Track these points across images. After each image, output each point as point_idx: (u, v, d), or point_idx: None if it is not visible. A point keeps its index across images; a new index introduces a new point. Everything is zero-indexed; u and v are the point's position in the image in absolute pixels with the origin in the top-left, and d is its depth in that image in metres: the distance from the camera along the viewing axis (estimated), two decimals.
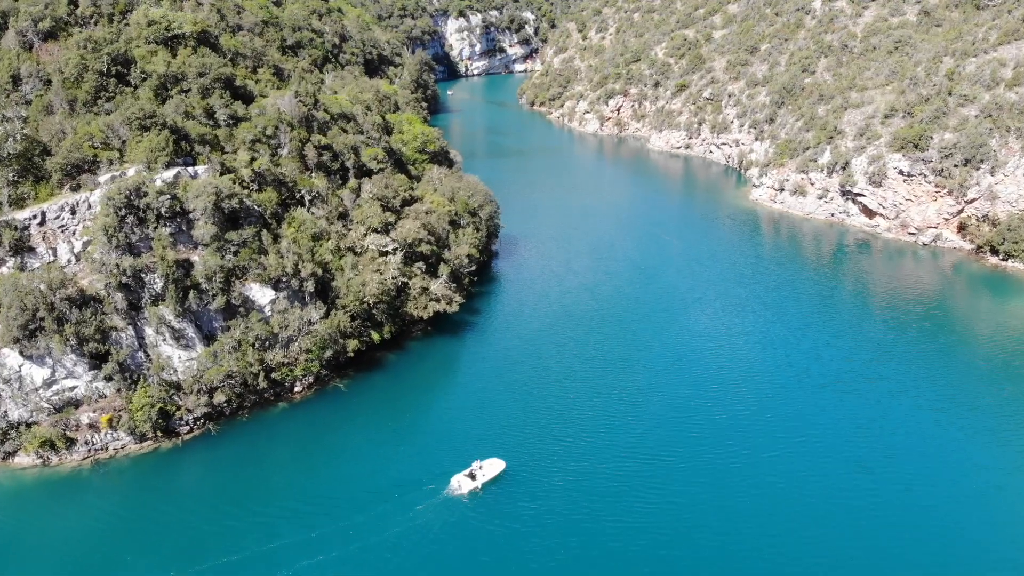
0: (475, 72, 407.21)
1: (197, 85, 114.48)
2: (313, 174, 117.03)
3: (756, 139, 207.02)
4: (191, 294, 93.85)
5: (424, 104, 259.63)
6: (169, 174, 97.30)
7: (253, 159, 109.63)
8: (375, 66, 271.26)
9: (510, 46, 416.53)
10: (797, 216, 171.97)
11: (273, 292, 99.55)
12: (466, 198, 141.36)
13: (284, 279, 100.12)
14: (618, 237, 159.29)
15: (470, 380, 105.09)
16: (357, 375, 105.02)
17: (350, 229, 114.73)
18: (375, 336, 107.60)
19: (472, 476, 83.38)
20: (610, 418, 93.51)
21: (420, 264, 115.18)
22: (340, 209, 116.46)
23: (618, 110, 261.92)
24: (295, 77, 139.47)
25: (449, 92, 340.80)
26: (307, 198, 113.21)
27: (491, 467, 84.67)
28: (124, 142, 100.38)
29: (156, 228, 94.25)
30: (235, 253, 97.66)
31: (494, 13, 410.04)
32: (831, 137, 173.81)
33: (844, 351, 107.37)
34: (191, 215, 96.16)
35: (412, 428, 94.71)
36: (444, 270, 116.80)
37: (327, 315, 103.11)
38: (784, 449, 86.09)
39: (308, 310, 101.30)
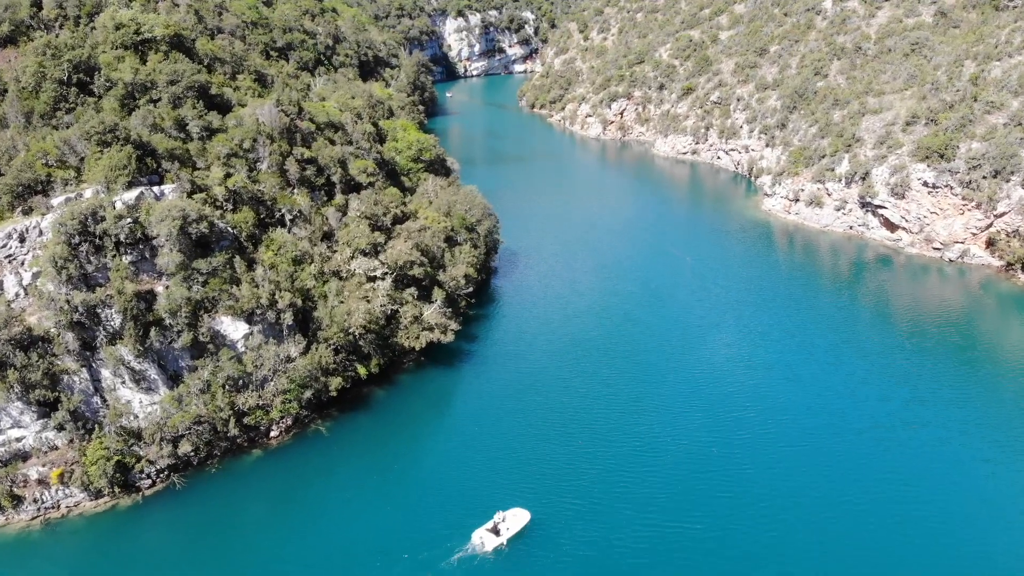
0: (474, 73, 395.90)
1: (168, 94, 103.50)
2: (295, 190, 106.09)
3: (767, 145, 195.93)
4: (153, 331, 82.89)
5: (421, 107, 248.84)
6: (130, 195, 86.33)
7: (228, 175, 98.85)
8: (371, 68, 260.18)
9: (510, 46, 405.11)
10: (813, 228, 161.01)
11: (247, 326, 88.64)
12: (463, 213, 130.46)
13: (259, 311, 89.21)
14: (625, 252, 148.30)
15: (467, 420, 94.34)
16: (341, 415, 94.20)
17: (335, 251, 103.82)
18: (361, 371, 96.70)
19: (496, 531, 73.14)
20: (626, 467, 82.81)
21: (412, 290, 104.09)
22: (324, 229, 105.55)
23: (621, 114, 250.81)
24: (278, 83, 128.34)
25: (448, 94, 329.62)
26: (288, 217, 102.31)
27: (515, 519, 74.46)
28: (82, 159, 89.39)
29: (115, 257, 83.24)
30: (204, 283, 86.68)
31: (493, 13, 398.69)
32: (849, 145, 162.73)
33: (879, 389, 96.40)
34: (154, 241, 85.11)
35: (406, 476, 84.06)
36: (438, 295, 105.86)
37: (307, 349, 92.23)
38: (819, 509, 75.30)
39: (286, 345, 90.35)
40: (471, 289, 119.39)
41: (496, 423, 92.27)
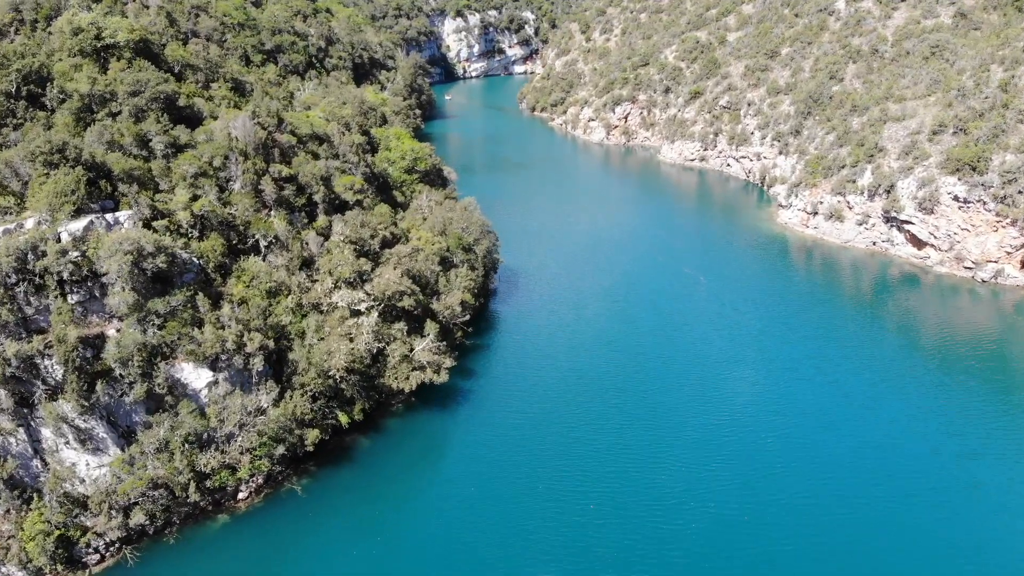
0: (473, 74, 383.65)
1: (129, 106, 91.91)
2: (272, 212, 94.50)
3: (780, 153, 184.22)
4: (100, 383, 71.28)
5: (418, 111, 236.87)
6: (78, 225, 74.80)
7: (194, 198, 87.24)
8: (365, 70, 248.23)
9: (509, 47, 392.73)
10: (833, 244, 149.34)
11: (210, 373, 77.09)
12: (459, 232, 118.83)
13: (224, 356, 77.55)
14: (634, 271, 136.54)
15: (462, 474, 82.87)
16: (320, 470, 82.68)
17: (316, 280, 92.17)
18: (343, 419, 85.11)
19: None
20: (643, 537, 71.49)
21: (401, 325, 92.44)
22: (304, 255, 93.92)
23: (625, 118, 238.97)
24: (257, 92, 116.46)
25: (447, 96, 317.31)
26: (263, 244, 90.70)
27: None
28: (26, 183, 77.76)
29: (58, 297, 71.67)
30: (160, 326, 75.04)
31: (493, 13, 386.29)
32: (871, 155, 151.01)
33: (926, 439, 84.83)
34: (104, 279, 73.50)
35: (393, 540, 73.10)
36: (431, 328, 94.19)
37: (281, 397, 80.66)
38: None
39: (255, 396, 78.75)
40: (468, 317, 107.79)
41: (495, 479, 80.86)
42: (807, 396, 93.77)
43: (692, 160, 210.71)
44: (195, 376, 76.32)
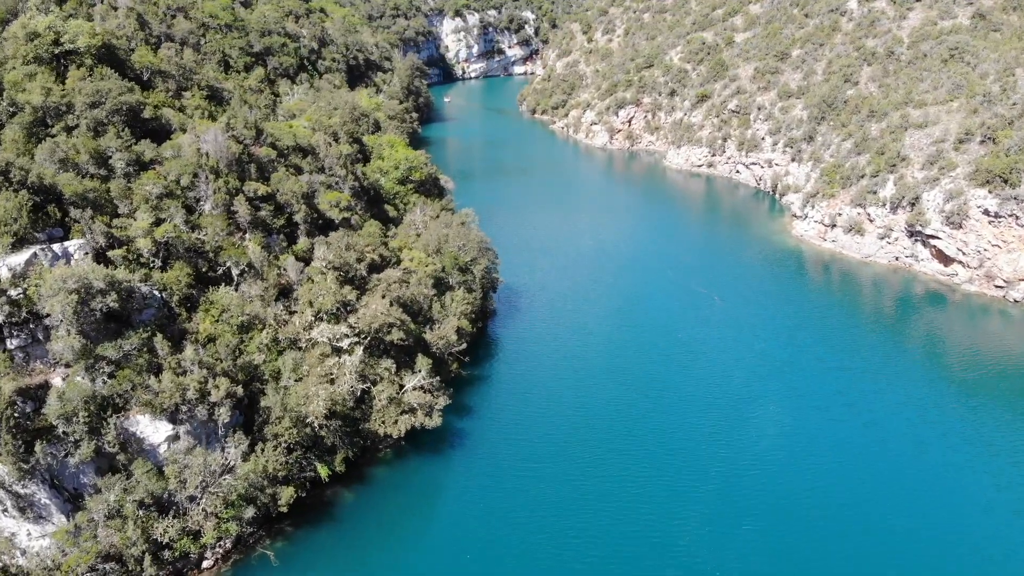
0: (472, 75, 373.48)
1: (88, 119, 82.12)
2: (247, 236, 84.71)
3: (793, 160, 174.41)
4: (40, 443, 61.56)
5: (415, 115, 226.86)
6: (19, 258, 65.17)
7: (158, 222, 77.49)
8: (360, 72, 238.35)
9: (509, 47, 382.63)
10: (853, 259, 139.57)
11: (170, 426, 67.39)
12: (456, 251, 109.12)
13: (186, 407, 67.78)
14: (644, 289, 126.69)
15: (457, 530, 73.15)
16: (296, 530, 72.82)
17: (295, 312, 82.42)
18: (323, 471, 75.38)
19: None
20: None
21: (389, 363, 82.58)
22: (282, 282, 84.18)
23: (629, 121, 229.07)
24: (235, 100, 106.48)
25: (446, 99, 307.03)
26: (235, 272, 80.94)
27: None
28: None
29: None
30: (112, 374, 65.36)
31: (492, 13, 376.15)
32: (893, 165, 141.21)
33: (979, 494, 74.90)
34: (47, 321, 63.79)
35: None
36: (423, 364, 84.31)
37: (252, 449, 70.93)
38: None
39: (218, 455, 69.02)
40: (464, 345, 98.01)
41: (491, 539, 71.10)
42: (841, 440, 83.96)
43: (699, 166, 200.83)
44: (152, 430, 66.63)
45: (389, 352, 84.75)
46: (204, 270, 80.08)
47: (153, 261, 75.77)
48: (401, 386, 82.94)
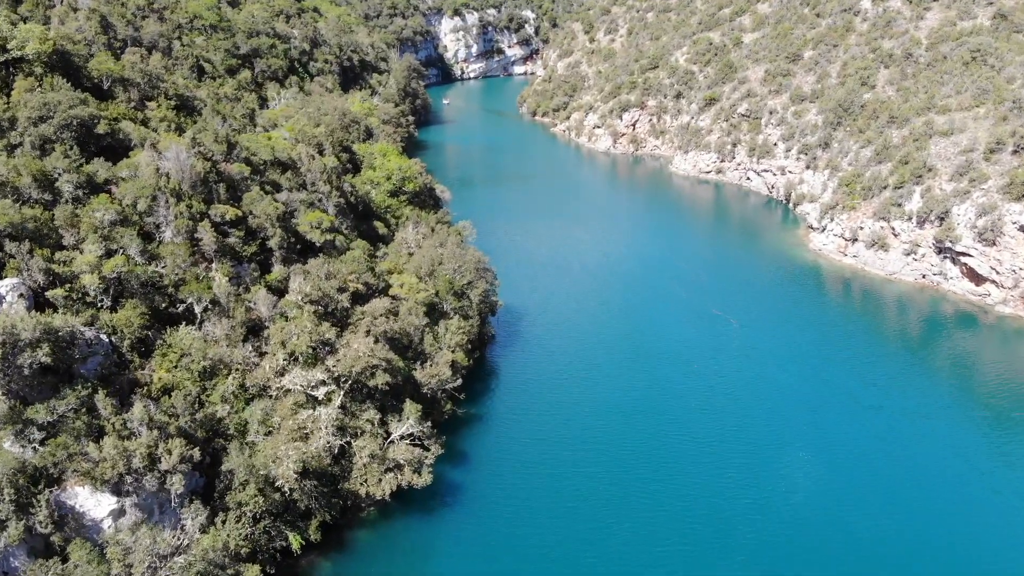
0: (471, 75, 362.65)
1: (32, 137, 71.87)
2: (214, 266, 74.52)
3: (808, 167, 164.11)
4: None
5: (411, 118, 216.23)
6: None
7: (109, 254, 67.29)
8: (355, 74, 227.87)
9: (509, 47, 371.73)
10: (876, 276, 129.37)
11: (113, 499, 57.18)
12: (451, 275, 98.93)
13: (133, 476, 57.61)
14: (654, 311, 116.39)
15: None
16: None
17: (265, 352, 72.26)
18: (295, 541, 65.20)
19: None
20: None
21: (372, 414, 72.33)
22: (253, 318, 74.03)
23: (634, 125, 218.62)
24: (207, 111, 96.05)
25: (445, 101, 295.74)
26: (197, 308, 70.75)
27: None
28: None
29: None
30: (44, 441, 55.19)
31: (492, 12, 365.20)
32: (919, 175, 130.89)
33: None
34: None
35: None
36: (412, 410, 74.10)
37: (212, 521, 60.74)
38: None
39: (176, 526, 58.82)
40: (459, 380, 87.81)
41: None
42: (884, 496, 73.75)
43: (708, 172, 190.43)
44: (93, 504, 56.46)
45: (374, 396, 74.53)
46: (164, 307, 69.93)
47: (101, 300, 65.61)
48: (386, 437, 72.76)
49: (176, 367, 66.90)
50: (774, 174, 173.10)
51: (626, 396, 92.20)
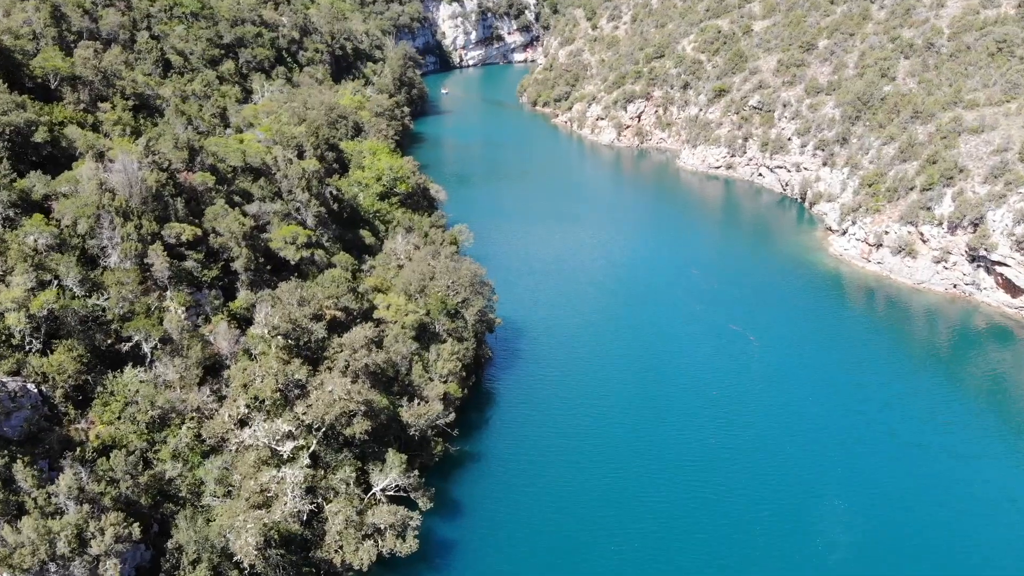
0: (470, 62, 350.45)
1: None
2: (168, 294, 64.19)
3: (825, 164, 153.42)
4: None
5: (406, 109, 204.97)
6: None
7: (42, 285, 56.95)
8: (348, 63, 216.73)
9: (508, 34, 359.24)
10: (903, 284, 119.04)
11: None
12: (444, 292, 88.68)
13: (58, 563, 47.51)
14: (668, 329, 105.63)
15: None
16: None
17: (225, 396, 62.10)
18: None
19: None
20: None
21: (348, 472, 62.15)
22: (211, 356, 63.80)
23: (639, 117, 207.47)
24: (170, 111, 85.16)
25: (444, 90, 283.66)
26: (146, 347, 60.50)
27: None
28: None
29: None
30: None
31: None
32: (950, 176, 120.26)
33: None
34: None
35: None
36: (395, 461, 64.01)
37: None
38: None
39: None
40: (452, 415, 77.65)
41: None
42: (933, 554, 63.80)
43: (717, 168, 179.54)
44: None
45: (352, 444, 64.42)
46: (108, 345, 59.74)
47: (30, 342, 55.36)
48: (365, 492, 62.67)
49: (119, 418, 56.83)
50: (788, 171, 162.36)
51: (638, 431, 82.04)
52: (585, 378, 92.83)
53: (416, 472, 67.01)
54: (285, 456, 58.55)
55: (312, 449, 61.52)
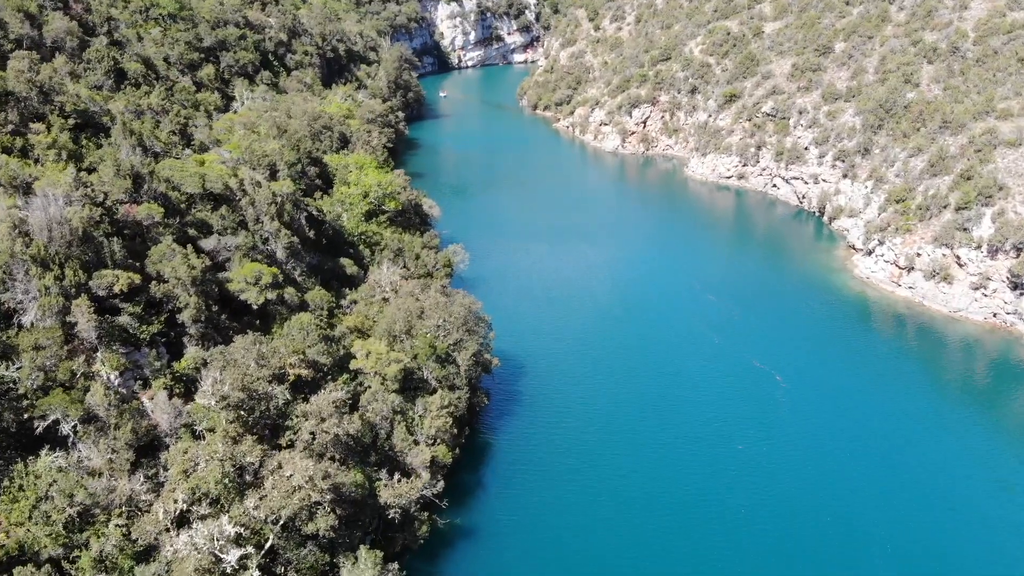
0: (469, 63, 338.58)
1: None
2: (100, 358, 52.74)
3: (845, 176, 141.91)
4: None
5: (401, 114, 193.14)
6: None
7: None
8: (340, 66, 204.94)
9: (508, 34, 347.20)
10: (937, 312, 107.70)
11: None
12: (433, 332, 77.26)
13: None
14: (685, 367, 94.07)
15: None
16: None
17: (163, 483, 50.71)
18: None
19: None
20: None
21: (314, 563, 50.79)
22: (145, 431, 52.35)
23: (644, 122, 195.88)
24: (116, 131, 73.48)
25: (442, 94, 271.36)
26: (65, 427, 49.07)
27: None
28: None
29: None
30: None
31: None
32: (988, 195, 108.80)
33: None
34: None
35: None
36: (368, 561, 52.58)
37: None
38: None
39: None
40: (440, 483, 66.36)
41: None
42: None
43: (728, 177, 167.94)
44: None
45: (316, 538, 52.99)
46: (19, 425, 48.31)
47: None
48: None
49: (30, 518, 45.48)
50: (805, 182, 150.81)
51: (654, 495, 70.72)
52: (593, 428, 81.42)
53: (396, 565, 55.62)
54: (229, 569, 47.06)
55: (270, 543, 50.13)
